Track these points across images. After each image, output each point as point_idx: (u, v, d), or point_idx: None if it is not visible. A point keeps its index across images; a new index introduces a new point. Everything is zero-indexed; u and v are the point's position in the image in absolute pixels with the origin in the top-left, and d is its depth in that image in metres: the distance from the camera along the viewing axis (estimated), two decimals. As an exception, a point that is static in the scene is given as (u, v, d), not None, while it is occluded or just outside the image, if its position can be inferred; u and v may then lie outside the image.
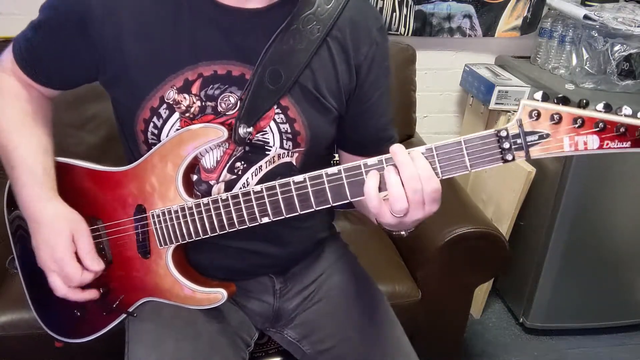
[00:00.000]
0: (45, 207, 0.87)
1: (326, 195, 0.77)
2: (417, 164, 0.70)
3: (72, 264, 0.86)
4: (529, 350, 1.95)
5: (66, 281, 0.87)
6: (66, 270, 0.85)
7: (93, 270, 0.87)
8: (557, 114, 0.66)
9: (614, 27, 1.66)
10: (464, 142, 0.70)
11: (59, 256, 0.86)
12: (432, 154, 0.71)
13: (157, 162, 0.87)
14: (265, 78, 0.84)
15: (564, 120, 0.66)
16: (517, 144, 0.68)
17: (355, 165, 0.74)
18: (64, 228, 0.86)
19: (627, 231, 1.86)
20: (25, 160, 0.88)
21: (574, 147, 0.66)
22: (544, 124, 0.67)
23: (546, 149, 0.67)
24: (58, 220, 0.86)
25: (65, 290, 0.88)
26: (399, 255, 1.58)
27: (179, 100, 0.84)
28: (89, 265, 0.87)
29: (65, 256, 0.85)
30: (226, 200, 0.82)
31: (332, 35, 0.87)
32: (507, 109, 1.89)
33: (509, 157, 0.69)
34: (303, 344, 1.04)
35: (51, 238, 0.86)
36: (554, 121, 0.66)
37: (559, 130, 0.66)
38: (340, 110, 0.92)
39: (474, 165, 0.71)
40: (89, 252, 0.87)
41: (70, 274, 0.86)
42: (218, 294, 0.90)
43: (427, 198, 0.71)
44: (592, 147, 0.65)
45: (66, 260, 0.85)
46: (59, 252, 0.85)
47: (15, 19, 1.75)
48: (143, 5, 0.83)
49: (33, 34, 0.89)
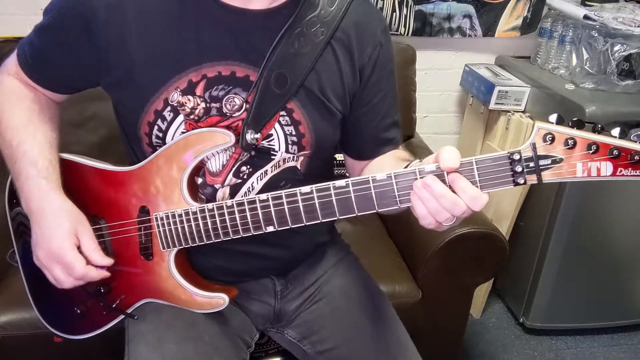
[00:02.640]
0: (49, 200, 0.86)
1: (333, 208, 0.76)
2: (457, 186, 0.68)
3: (73, 253, 0.84)
4: (529, 350, 1.95)
5: (68, 271, 0.85)
6: (68, 259, 0.84)
7: (100, 264, 0.86)
8: (572, 139, 0.65)
9: (614, 27, 1.66)
10: (475, 163, 0.69)
11: (57, 246, 0.84)
12: (442, 173, 0.69)
13: (162, 164, 0.87)
14: (271, 82, 0.84)
15: (578, 146, 0.65)
16: (530, 167, 0.67)
17: (363, 179, 0.74)
18: (65, 222, 0.85)
19: (626, 232, 1.86)
20: (29, 154, 0.87)
21: (587, 173, 0.66)
22: (557, 148, 0.66)
23: (559, 174, 0.67)
24: (61, 214, 0.85)
25: (68, 282, 0.86)
26: (399, 256, 1.58)
27: (183, 102, 0.84)
28: (97, 260, 0.86)
29: (64, 244, 0.84)
30: (231, 207, 0.82)
31: (337, 37, 0.87)
32: (507, 109, 1.89)
33: (520, 180, 0.68)
34: (304, 344, 1.04)
35: (51, 230, 0.84)
36: (568, 146, 0.65)
37: (573, 156, 0.65)
38: (344, 112, 0.92)
39: (484, 187, 0.69)
40: (94, 250, 0.86)
41: (72, 263, 0.83)
42: (220, 299, 0.90)
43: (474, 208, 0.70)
44: (605, 174, 0.65)
45: (66, 248, 0.84)
46: (57, 242, 0.84)
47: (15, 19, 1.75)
48: (147, 6, 0.83)
49: (37, 38, 0.89)
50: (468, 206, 0.68)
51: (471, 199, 0.68)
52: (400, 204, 0.73)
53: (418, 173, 0.71)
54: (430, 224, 0.71)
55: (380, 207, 0.74)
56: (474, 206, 0.68)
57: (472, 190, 0.68)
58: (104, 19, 0.82)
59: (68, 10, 0.85)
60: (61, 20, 0.86)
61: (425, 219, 0.70)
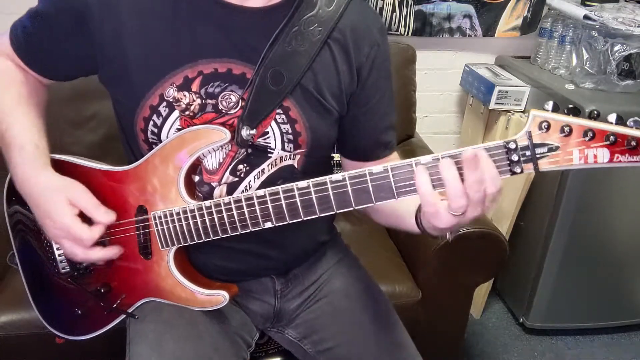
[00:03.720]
0: (38, 181, 0.85)
1: (330, 202, 0.76)
2: (483, 165, 0.67)
3: (77, 225, 0.83)
4: (529, 350, 1.95)
5: (79, 243, 0.84)
6: (73, 232, 0.83)
7: (105, 222, 0.85)
8: (568, 126, 0.64)
9: (614, 27, 1.66)
10: None
11: (61, 222, 0.83)
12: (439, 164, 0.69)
13: (158, 163, 0.87)
14: (267, 79, 0.84)
15: (574, 133, 0.64)
16: (526, 156, 0.67)
17: (360, 173, 0.74)
18: (57, 195, 0.84)
19: (626, 231, 1.86)
20: (16, 139, 0.87)
21: (584, 160, 0.64)
22: (553, 136, 0.65)
23: (555, 162, 0.66)
24: (51, 191, 0.85)
25: (83, 253, 0.85)
26: (399, 256, 1.59)
27: (179, 98, 0.84)
28: (100, 218, 0.85)
29: (66, 220, 0.83)
30: (229, 204, 0.82)
31: (334, 37, 0.87)
32: (507, 109, 1.89)
33: (517, 169, 0.67)
34: (304, 344, 1.04)
35: (49, 209, 0.84)
36: (564, 133, 0.64)
37: (569, 143, 0.64)
38: (341, 111, 0.92)
39: None
40: (94, 206, 0.85)
41: (78, 235, 0.83)
42: (220, 296, 0.90)
43: (489, 197, 0.69)
44: (602, 161, 0.63)
45: (69, 223, 0.83)
46: (59, 218, 0.84)
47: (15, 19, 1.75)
48: (142, 3, 0.83)
49: (30, 22, 0.89)
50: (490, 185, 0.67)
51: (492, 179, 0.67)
52: (398, 195, 0.73)
53: (414, 164, 0.71)
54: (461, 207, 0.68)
55: (378, 200, 0.74)
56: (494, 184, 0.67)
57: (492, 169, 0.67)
58: (98, 15, 0.83)
59: (63, 3, 0.85)
60: (56, 11, 0.86)
61: (459, 198, 0.67)
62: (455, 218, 0.70)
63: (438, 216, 0.71)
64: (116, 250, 0.89)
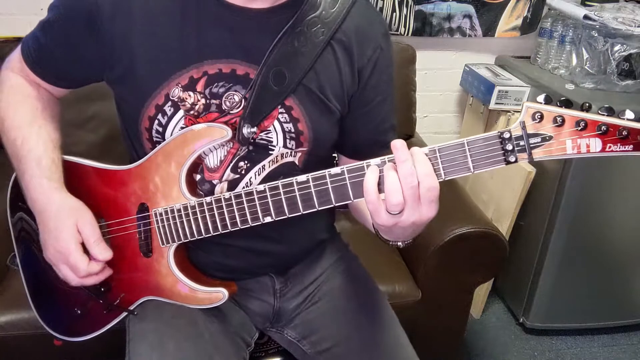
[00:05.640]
0: (51, 199, 0.87)
1: (329, 196, 0.77)
2: (416, 159, 0.70)
3: (77, 254, 0.85)
4: (529, 350, 1.96)
5: (74, 271, 0.86)
6: (72, 260, 0.85)
7: (99, 260, 0.87)
8: (560, 117, 0.66)
9: (614, 27, 1.66)
10: (467, 144, 0.70)
11: (62, 246, 0.85)
12: (435, 155, 0.71)
13: (160, 161, 0.87)
14: (270, 79, 0.84)
15: (566, 123, 0.66)
16: (520, 145, 0.68)
17: (358, 165, 0.74)
18: (68, 218, 0.86)
19: (626, 231, 1.86)
20: (33, 152, 0.88)
21: (577, 149, 0.66)
22: (546, 126, 0.67)
23: (549, 151, 0.68)
24: (63, 211, 0.86)
25: (77, 281, 0.87)
26: (399, 255, 1.59)
27: (184, 97, 0.85)
28: (95, 254, 0.86)
29: (69, 246, 0.85)
30: (229, 200, 0.82)
31: (337, 38, 0.88)
32: (507, 109, 1.89)
33: (511, 158, 0.69)
34: (303, 344, 1.04)
35: (57, 229, 0.86)
36: (557, 124, 0.66)
37: (562, 133, 0.66)
38: (342, 112, 0.93)
39: (477, 167, 0.71)
40: (95, 241, 0.86)
41: (76, 264, 0.85)
42: (219, 294, 0.90)
43: (423, 196, 0.70)
44: (594, 150, 0.65)
45: (70, 250, 0.85)
46: (62, 242, 0.85)
47: (15, 19, 1.76)
48: (152, 4, 0.84)
49: (42, 33, 0.90)
50: (417, 172, 0.68)
51: (425, 174, 0.69)
52: None
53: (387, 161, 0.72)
54: (397, 204, 0.69)
55: None
56: (427, 180, 0.69)
57: (426, 165, 0.69)
58: (109, 14, 0.83)
59: (73, 6, 0.86)
60: (66, 15, 0.87)
61: (394, 192, 0.69)
62: (393, 217, 0.71)
63: (378, 214, 0.72)
64: (108, 274, 0.91)
